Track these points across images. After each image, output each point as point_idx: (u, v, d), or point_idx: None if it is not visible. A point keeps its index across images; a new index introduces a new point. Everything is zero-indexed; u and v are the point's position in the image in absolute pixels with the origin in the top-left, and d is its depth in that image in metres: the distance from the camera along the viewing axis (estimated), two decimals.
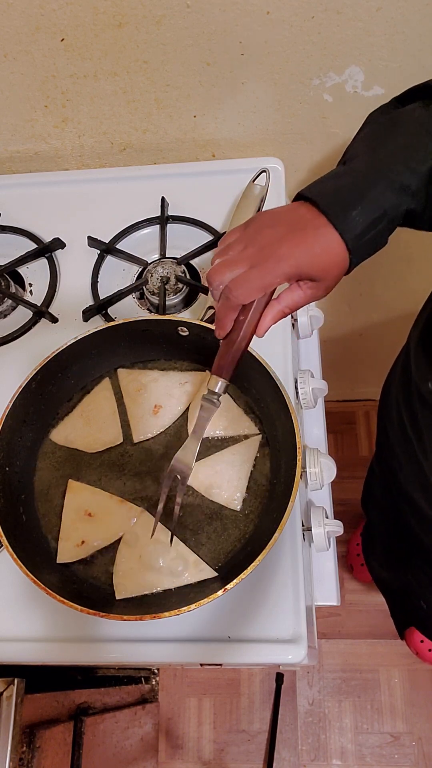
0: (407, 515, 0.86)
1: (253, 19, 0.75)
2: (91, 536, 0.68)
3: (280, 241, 0.50)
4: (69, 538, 0.69)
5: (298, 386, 0.76)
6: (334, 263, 0.50)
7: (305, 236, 0.49)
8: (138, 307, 0.86)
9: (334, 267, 0.51)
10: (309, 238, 0.49)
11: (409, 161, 0.50)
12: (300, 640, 0.65)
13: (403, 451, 0.79)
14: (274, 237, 0.50)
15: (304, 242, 0.49)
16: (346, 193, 0.50)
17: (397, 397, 0.78)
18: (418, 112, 0.53)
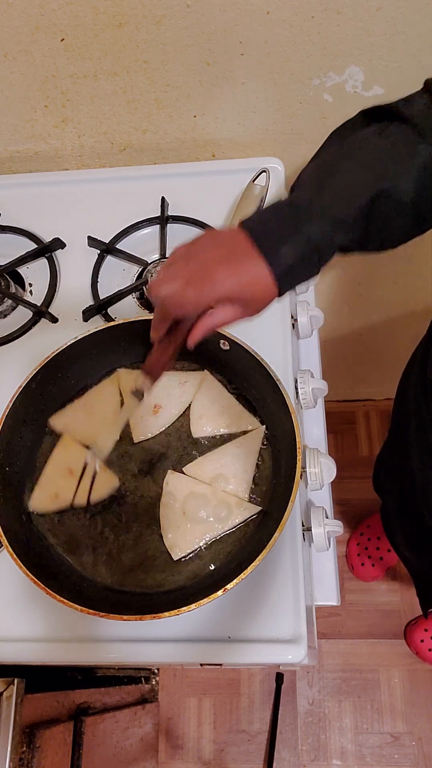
0: (422, 511, 0.87)
1: (253, 19, 0.75)
2: (66, 493, 0.70)
3: (217, 265, 0.54)
4: (45, 489, 0.71)
5: (298, 386, 0.76)
6: (261, 292, 0.54)
7: (238, 265, 0.53)
8: (138, 307, 0.86)
9: (261, 295, 0.55)
10: (241, 267, 0.53)
11: (349, 200, 0.53)
12: (300, 640, 0.65)
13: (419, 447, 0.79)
14: (213, 259, 0.54)
15: (236, 270, 0.53)
16: (281, 228, 0.54)
17: (415, 392, 0.78)
18: (372, 140, 0.56)
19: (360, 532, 1.57)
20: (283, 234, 0.54)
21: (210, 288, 0.54)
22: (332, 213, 0.53)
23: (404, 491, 0.92)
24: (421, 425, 0.77)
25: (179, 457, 0.73)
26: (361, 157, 0.55)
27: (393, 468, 0.98)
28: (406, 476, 0.87)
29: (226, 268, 0.54)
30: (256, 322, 0.81)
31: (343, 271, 1.18)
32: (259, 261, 0.53)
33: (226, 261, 0.54)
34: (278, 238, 0.54)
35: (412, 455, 0.83)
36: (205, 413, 0.75)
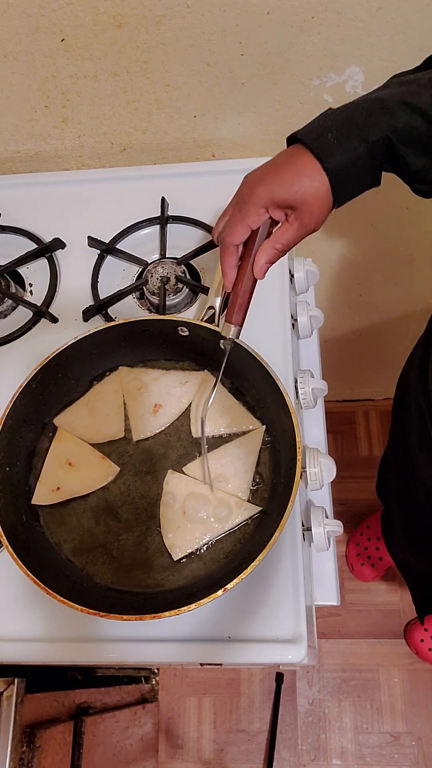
0: (425, 506, 0.87)
1: (253, 19, 0.75)
2: (67, 484, 0.71)
3: (257, 182, 0.54)
4: (46, 483, 0.71)
5: (298, 386, 0.77)
6: (309, 185, 0.52)
7: (279, 168, 0.53)
8: (138, 307, 0.86)
9: (310, 189, 0.53)
10: (282, 168, 0.53)
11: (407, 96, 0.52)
12: (300, 640, 0.65)
13: (421, 445, 0.79)
14: (253, 181, 0.55)
15: (277, 173, 0.53)
16: (326, 121, 0.54)
17: (416, 392, 0.78)
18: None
19: (360, 532, 1.57)
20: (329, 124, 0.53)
21: (252, 201, 0.54)
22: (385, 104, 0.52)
23: (409, 490, 0.92)
24: (421, 422, 0.77)
25: (179, 457, 0.73)
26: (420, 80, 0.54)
27: (397, 467, 0.98)
28: (410, 475, 0.87)
29: (266, 177, 0.54)
30: (256, 322, 0.81)
31: (344, 271, 1.18)
32: (302, 152, 0.52)
33: (266, 173, 0.54)
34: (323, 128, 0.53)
35: (414, 452, 0.83)
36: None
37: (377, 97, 0.54)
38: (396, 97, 0.53)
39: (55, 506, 0.71)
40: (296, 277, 0.86)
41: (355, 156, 0.53)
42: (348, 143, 0.52)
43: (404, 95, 0.53)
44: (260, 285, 0.84)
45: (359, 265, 1.17)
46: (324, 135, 0.53)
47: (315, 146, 0.52)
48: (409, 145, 0.53)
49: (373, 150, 0.53)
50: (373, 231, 1.07)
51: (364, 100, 0.55)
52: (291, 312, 0.83)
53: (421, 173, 0.55)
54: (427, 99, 0.52)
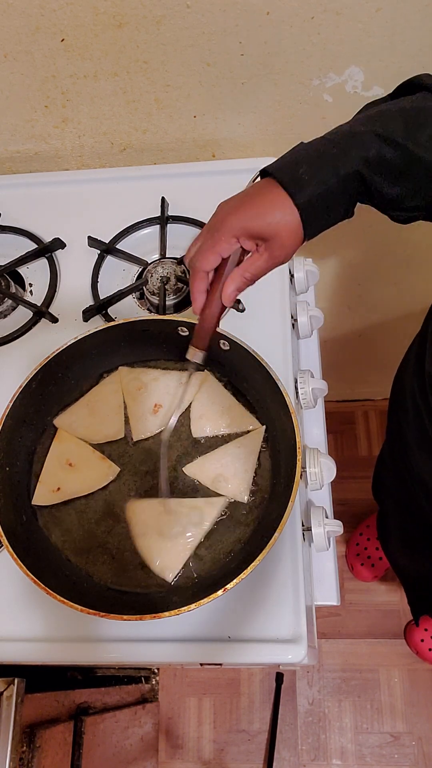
0: (424, 505, 0.87)
1: (253, 19, 0.75)
2: (67, 485, 0.71)
3: (230, 212, 0.55)
4: (46, 483, 0.71)
5: (298, 386, 0.77)
6: (281, 218, 0.54)
7: (252, 200, 0.55)
8: (138, 307, 0.86)
9: (282, 222, 0.54)
10: (255, 200, 0.55)
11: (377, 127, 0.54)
12: (300, 639, 0.65)
13: (418, 442, 0.79)
14: (226, 211, 0.56)
15: (250, 204, 0.55)
16: (298, 156, 0.55)
17: (412, 386, 0.78)
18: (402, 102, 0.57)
19: (359, 532, 1.57)
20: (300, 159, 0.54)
21: (225, 229, 0.55)
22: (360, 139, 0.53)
23: (406, 489, 0.92)
24: (418, 419, 0.77)
25: (179, 457, 0.73)
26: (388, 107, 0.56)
27: (394, 466, 0.98)
28: (407, 473, 0.87)
29: (240, 207, 0.55)
30: (256, 322, 0.81)
31: (343, 271, 1.18)
32: (275, 187, 0.53)
33: (240, 203, 0.55)
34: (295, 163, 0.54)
35: (412, 450, 0.83)
36: (206, 413, 0.75)
37: (348, 130, 0.56)
38: (366, 129, 0.54)
39: (55, 506, 0.71)
40: (296, 277, 0.86)
41: (327, 190, 0.54)
42: (319, 177, 0.53)
43: (374, 126, 0.54)
44: (260, 285, 0.84)
45: (359, 265, 1.17)
46: (296, 170, 0.54)
47: (286, 181, 0.54)
48: (381, 175, 0.54)
49: (345, 183, 0.54)
50: (372, 231, 1.07)
51: (336, 134, 0.56)
52: (291, 312, 0.83)
53: (396, 201, 0.56)
54: (396, 129, 0.53)
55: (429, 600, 1.12)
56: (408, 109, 0.56)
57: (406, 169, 0.54)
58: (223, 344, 0.70)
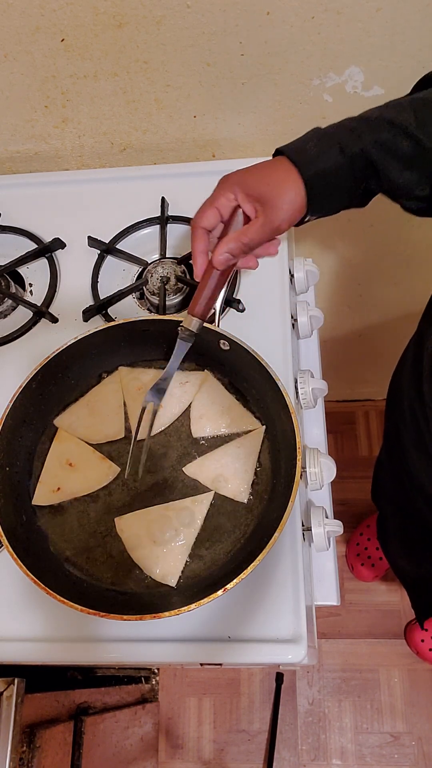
0: (422, 508, 0.86)
1: (253, 19, 0.75)
2: (68, 485, 0.71)
3: (232, 173, 0.56)
4: (46, 483, 0.71)
5: (298, 386, 0.77)
6: (280, 182, 0.54)
7: (259, 166, 0.56)
8: (138, 307, 0.86)
9: (280, 186, 0.54)
10: (260, 166, 0.56)
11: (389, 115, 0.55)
12: (300, 639, 0.65)
13: (415, 446, 0.79)
14: (229, 173, 0.57)
15: (255, 168, 0.56)
16: (308, 135, 0.56)
17: (409, 394, 0.78)
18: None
19: (359, 532, 1.57)
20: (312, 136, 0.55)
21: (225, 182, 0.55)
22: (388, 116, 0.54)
23: (404, 492, 0.92)
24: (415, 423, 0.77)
25: (179, 457, 0.73)
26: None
27: (392, 469, 0.98)
28: (405, 476, 0.87)
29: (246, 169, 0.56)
30: (256, 322, 0.81)
31: (343, 271, 1.18)
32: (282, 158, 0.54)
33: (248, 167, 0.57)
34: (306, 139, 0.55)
35: (409, 454, 0.83)
36: (206, 413, 0.75)
37: (360, 116, 0.57)
38: (379, 116, 0.55)
39: (56, 506, 0.71)
40: (296, 277, 0.86)
41: (333, 166, 0.54)
42: (327, 154, 0.54)
43: (387, 114, 0.55)
44: (260, 285, 0.84)
45: (359, 265, 1.17)
46: (304, 146, 0.55)
47: (294, 155, 0.54)
48: (393, 159, 0.55)
49: (353, 162, 0.55)
50: (372, 231, 1.07)
51: (348, 120, 0.57)
52: (291, 312, 0.83)
53: (407, 188, 0.57)
54: (408, 117, 0.54)
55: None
56: (421, 100, 0.56)
57: (416, 157, 0.55)
58: (223, 344, 0.70)
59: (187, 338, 0.63)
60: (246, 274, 0.86)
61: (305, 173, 0.54)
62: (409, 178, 0.56)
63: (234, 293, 0.84)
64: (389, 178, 0.56)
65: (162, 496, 0.71)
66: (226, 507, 0.70)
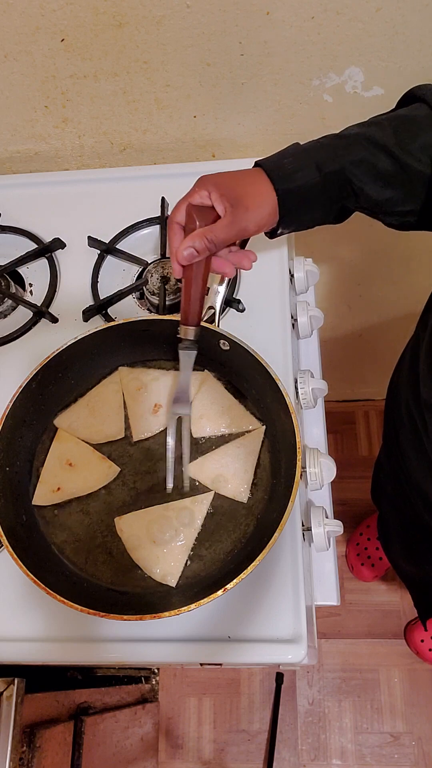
0: (422, 511, 0.86)
1: (253, 19, 0.75)
2: (68, 484, 0.71)
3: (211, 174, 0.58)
4: (46, 483, 0.71)
5: (298, 386, 0.77)
6: (252, 186, 0.56)
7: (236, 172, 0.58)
8: (138, 307, 0.86)
9: (252, 190, 0.56)
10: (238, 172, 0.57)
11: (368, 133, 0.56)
12: (300, 639, 0.65)
13: (414, 449, 0.79)
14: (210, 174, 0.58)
15: (232, 173, 0.57)
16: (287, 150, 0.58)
17: (407, 397, 0.78)
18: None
19: (359, 532, 1.57)
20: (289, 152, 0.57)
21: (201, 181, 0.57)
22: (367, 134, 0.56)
23: (404, 494, 0.92)
24: (414, 429, 0.77)
25: (179, 457, 0.73)
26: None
27: (391, 471, 0.98)
28: (406, 479, 0.87)
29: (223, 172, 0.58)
30: (256, 322, 0.81)
31: (343, 271, 1.19)
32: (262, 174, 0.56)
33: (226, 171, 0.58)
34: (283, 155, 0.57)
35: (408, 459, 0.83)
36: (206, 413, 0.75)
37: (340, 134, 0.58)
38: (358, 134, 0.56)
39: (56, 506, 0.71)
40: (296, 277, 0.86)
41: (308, 184, 0.56)
42: (303, 171, 0.56)
43: (366, 132, 0.56)
44: (260, 285, 0.84)
45: (359, 265, 1.17)
46: (281, 161, 0.56)
47: (270, 169, 0.56)
48: (372, 177, 0.56)
49: (328, 181, 0.56)
50: (372, 231, 1.07)
51: (328, 137, 0.58)
52: (291, 312, 0.83)
53: (387, 205, 0.58)
54: (387, 135, 0.55)
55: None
56: (400, 118, 0.57)
57: (396, 175, 0.56)
58: (223, 344, 0.70)
59: (190, 347, 0.65)
60: (246, 274, 0.86)
61: (279, 188, 0.55)
62: (391, 196, 0.57)
63: (234, 293, 0.84)
64: (369, 196, 0.57)
65: (162, 496, 0.71)
66: (226, 507, 0.70)
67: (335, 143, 0.57)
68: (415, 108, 0.58)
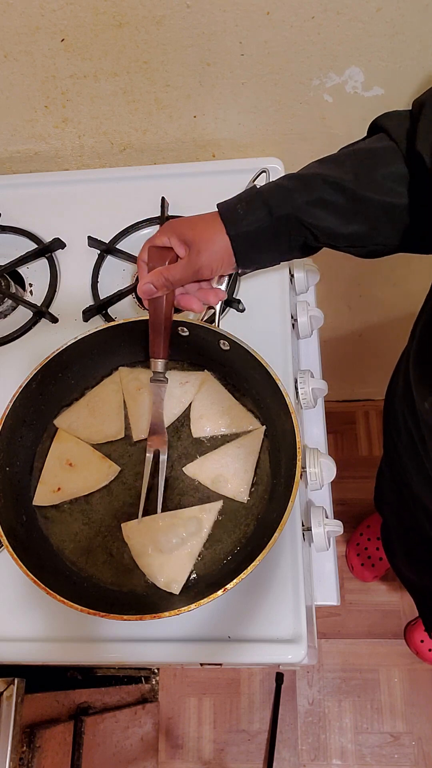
0: (423, 521, 0.86)
1: (253, 19, 0.75)
2: (68, 485, 0.71)
3: (175, 219, 0.63)
4: (47, 483, 0.71)
5: (298, 386, 0.77)
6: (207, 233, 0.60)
7: (196, 217, 0.62)
8: (138, 307, 0.86)
9: (206, 235, 0.60)
10: (198, 218, 0.62)
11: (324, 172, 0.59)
12: (300, 639, 0.65)
13: (413, 460, 0.79)
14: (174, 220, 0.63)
15: (192, 219, 0.62)
16: (243, 194, 0.61)
17: (403, 410, 0.78)
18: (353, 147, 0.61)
19: (360, 532, 1.57)
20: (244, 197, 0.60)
21: (165, 227, 0.62)
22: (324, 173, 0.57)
23: (406, 504, 0.92)
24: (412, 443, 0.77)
25: (179, 457, 0.73)
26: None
27: (393, 481, 0.98)
28: (407, 490, 0.87)
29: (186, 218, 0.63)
30: (256, 322, 0.81)
31: (343, 272, 1.18)
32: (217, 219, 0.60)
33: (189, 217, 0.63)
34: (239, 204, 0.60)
35: (409, 471, 0.83)
36: (206, 413, 0.75)
37: (299, 174, 0.60)
38: (314, 172, 0.58)
39: (56, 506, 0.71)
40: (296, 277, 0.86)
41: (258, 228, 0.59)
42: (253, 215, 0.59)
43: (323, 170, 0.58)
44: (260, 285, 0.84)
45: (359, 265, 1.16)
46: (235, 206, 0.60)
47: (224, 213, 0.60)
48: (331, 215, 0.57)
49: (279, 223, 0.58)
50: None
51: (286, 177, 0.60)
52: (291, 312, 0.83)
53: (353, 239, 0.60)
54: (344, 172, 0.57)
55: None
56: (360, 152, 0.58)
57: (356, 211, 0.57)
58: (223, 344, 0.70)
59: (161, 380, 0.69)
60: (246, 275, 0.86)
61: (230, 232, 0.59)
62: (355, 231, 0.58)
63: (234, 293, 0.84)
64: (330, 232, 0.59)
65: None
66: (226, 507, 0.70)
67: (292, 185, 0.59)
68: (376, 139, 0.59)
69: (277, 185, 0.60)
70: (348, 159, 0.58)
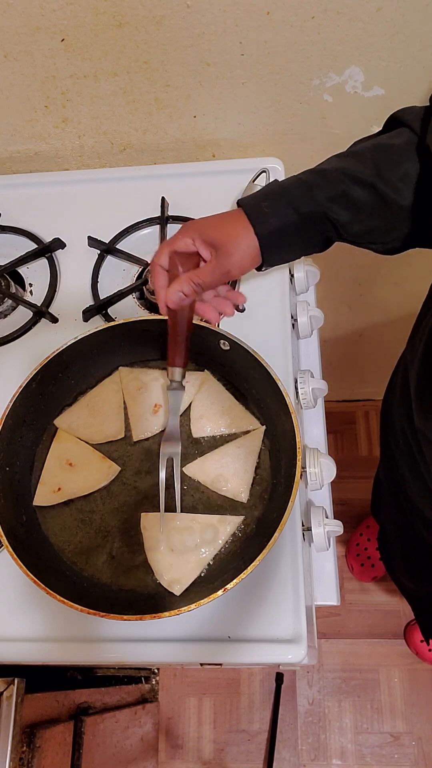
0: (419, 527, 0.86)
1: (253, 19, 0.75)
2: (68, 485, 0.71)
3: (195, 220, 0.60)
4: (47, 483, 0.71)
5: (298, 386, 0.77)
6: (234, 233, 0.57)
7: (219, 216, 0.59)
8: (138, 307, 0.86)
9: (234, 235, 0.57)
10: (221, 217, 0.59)
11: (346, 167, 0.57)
12: (300, 639, 0.65)
13: (411, 470, 0.79)
14: (193, 220, 0.60)
15: (215, 219, 0.59)
16: (266, 191, 0.59)
17: (401, 421, 0.78)
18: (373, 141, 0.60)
19: (359, 533, 1.57)
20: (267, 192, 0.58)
21: (186, 228, 0.59)
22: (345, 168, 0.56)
23: (403, 512, 0.92)
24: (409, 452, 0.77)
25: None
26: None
27: (390, 488, 0.98)
28: (404, 497, 0.87)
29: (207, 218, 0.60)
30: (256, 322, 0.81)
31: (343, 272, 1.18)
32: (242, 217, 0.58)
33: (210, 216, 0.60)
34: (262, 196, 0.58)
35: (406, 479, 0.83)
36: (206, 413, 0.75)
37: (319, 169, 0.58)
38: (335, 167, 0.57)
39: (56, 506, 0.71)
40: (296, 277, 0.86)
41: (286, 225, 0.57)
42: (280, 213, 0.57)
43: (344, 165, 0.57)
44: (260, 285, 0.84)
45: (359, 265, 1.17)
46: (260, 204, 0.58)
47: (250, 212, 0.58)
48: (352, 210, 0.57)
49: (305, 220, 0.57)
50: None
51: (307, 173, 0.59)
52: (291, 312, 0.83)
53: (372, 235, 0.59)
54: (365, 168, 0.56)
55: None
56: (380, 147, 0.57)
57: (377, 207, 0.56)
58: (223, 344, 0.70)
59: (177, 388, 0.67)
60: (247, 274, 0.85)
61: (259, 231, 0.57)
62: (376, 226, 0.58)
63: None
64: (351, 228, 0.58)
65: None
66: (227, 507, 0.70)
67: (313, 180, 0.58)
68: (396, 134, 0.58)
69: (299, 180, 0.58)
70: (369, 154, 0.57)
